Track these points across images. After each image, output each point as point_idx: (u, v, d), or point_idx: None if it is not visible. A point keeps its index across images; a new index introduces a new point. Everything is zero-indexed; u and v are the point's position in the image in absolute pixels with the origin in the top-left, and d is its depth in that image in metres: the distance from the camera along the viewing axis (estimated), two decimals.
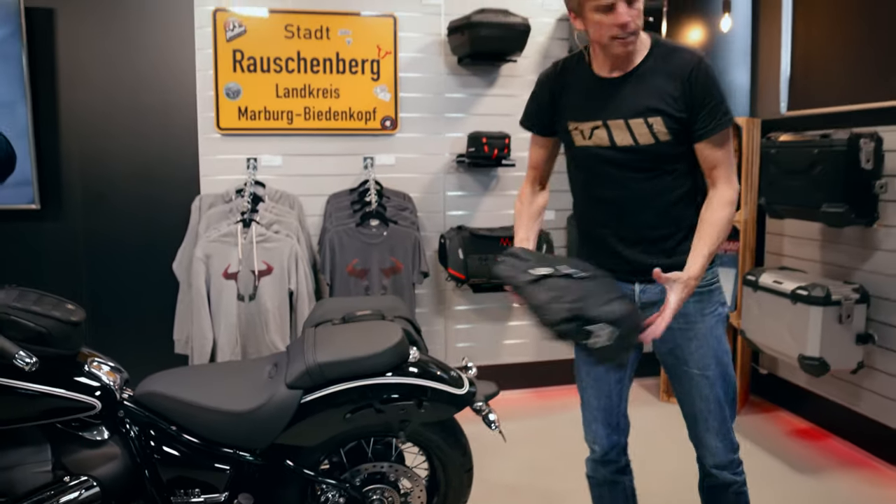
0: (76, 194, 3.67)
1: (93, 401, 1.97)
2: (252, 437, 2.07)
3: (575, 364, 2.18)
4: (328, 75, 3.89)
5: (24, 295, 1.98)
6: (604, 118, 1.90)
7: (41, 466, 1.95)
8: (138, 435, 2.06)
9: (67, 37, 3.59)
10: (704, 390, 1.98)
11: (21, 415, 1.91)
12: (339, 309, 2.46)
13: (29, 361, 1.72)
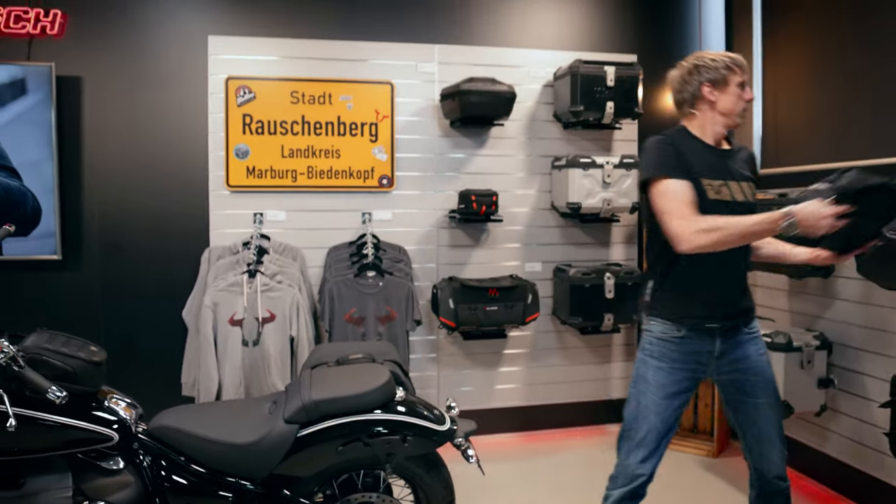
0: (95, 246, 3.95)
1: (111, 433, 2.21)
2: (253, 467, 2.30)
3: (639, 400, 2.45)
4: (330, 137, 4.19)
5: (54, 337, 2.24)
6: (727, 179, 2.37)
7: (63, 492, 2.17)
8: (151, 465, 2.29)
9: (92, 102, 3.92)
10: (768, 413, 2.44)
11: (47, 445, 2.15)
12: (334, 352, 2.71)
13: (60, 395, 1.97)
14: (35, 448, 2.13)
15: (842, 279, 3.51)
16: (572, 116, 4.24)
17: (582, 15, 4.56)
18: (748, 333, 2.48)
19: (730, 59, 2.40)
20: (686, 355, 2.41)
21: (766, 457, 2.46)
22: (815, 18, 3.86)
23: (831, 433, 3.62)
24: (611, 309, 4.18)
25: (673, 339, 2.41)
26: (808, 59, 3.94)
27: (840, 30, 3.67)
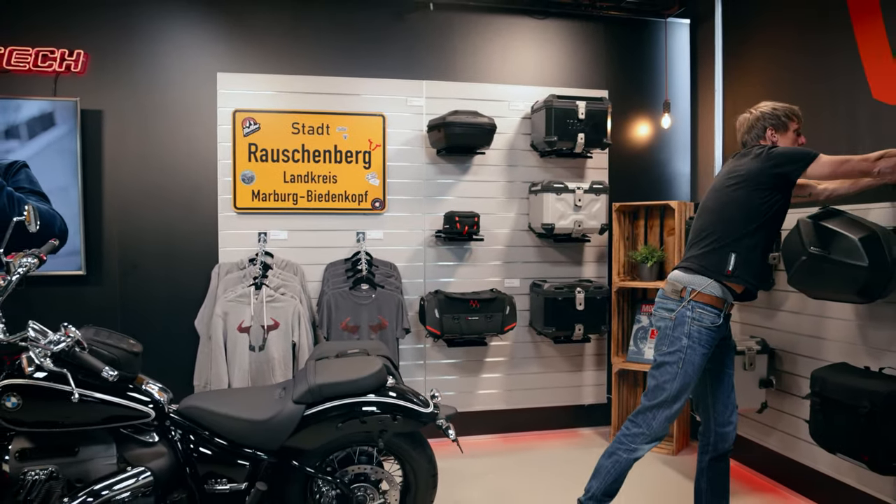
0: (115, 263, 4.34)
1: (148, 411, 2.61)
2: (266, 440, 2.71)
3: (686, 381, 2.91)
4: (327, 164, 4.60)
5: (100, 331, 2.66)
6: None
7: (109, 460, 2.58)
8: (181, 438, 2.70)
9: (113, 133, 4.32)
10: (732, 382, 3.06)
11: (97, 419, 2.55)
12: (334, 348, 3.14)
13: (112, 374, 2.38)
14: (87, 422, 2.53)
15: (782, 292, 3.90)
16: (547, 146, 4.66)
17: (558, 53, 4.99)
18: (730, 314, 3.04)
19: (790, 110, 3.03)
20: (717, 339, 2.96)
21: (731, 420, 3.04)
22: (770, 60, 4.19)
23: (772, 429, 4.00)
24: (581, 320, 4.60)
25: (716, 327, 2.91)
26: (762, 95, 4.17)
27: (792, 68, 4.00)
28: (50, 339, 2.38)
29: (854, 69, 3.52)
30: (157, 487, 2.61)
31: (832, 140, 3.63)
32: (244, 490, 2.71)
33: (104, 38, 4.28)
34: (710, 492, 3.08)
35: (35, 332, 2.38)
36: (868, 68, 3.48)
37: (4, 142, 4.05)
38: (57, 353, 2.37)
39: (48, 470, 2.48)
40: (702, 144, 4.97)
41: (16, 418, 2.44)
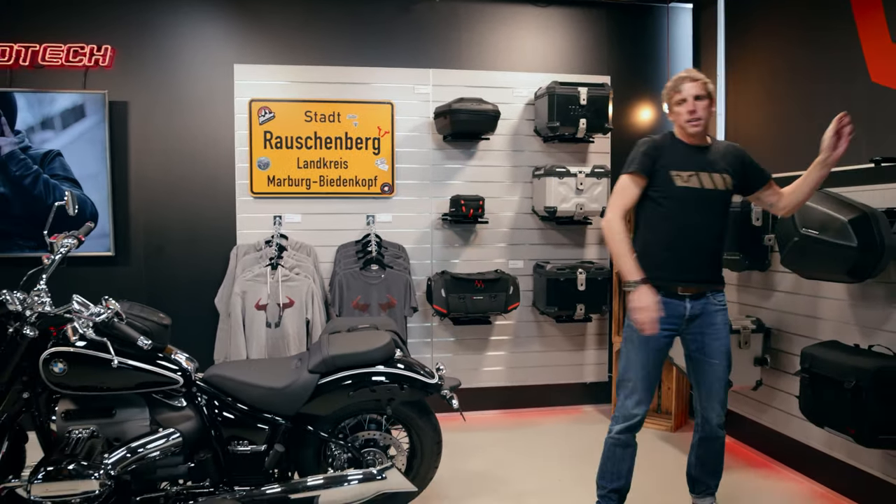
0: (140, 245, 4.61)
1: (177, 378, 2.86)
2: (284, 406, 2.95)
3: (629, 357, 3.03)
4: (338, 150, 4.82)
5: (134, 305, 2.90)
6: (697, 169, 2.91)
7: (143, 422, 2.84)
8: (206, 404, 2.95)
9: (137, 122, 4.57)
10: (720, 373, 3.00)
11: (132, 385, 2.80)
12: (346, 323, 3.38)
13: (147, 343, 2.63)
14: (123, 387, 2.79)
15: (777, 273, 4.03)
16: (550, 131, 4.83)
17: (560, 41, 5.16)
18: (717, 304, 3.01)
19: (671, 82, 2.99)
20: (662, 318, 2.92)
21: (712, 408, 3.05)
22: (772, 44, 4.33)
23: (767, 406, 4.15)
24: (582, 300, 4.80)
25: None
26: (764, 79, 4.42)
27: (796, 53, 4.11)
28: (92, 310, 2.63)
29: (853, 53, 3.63)
30: (186, 447, 2.87)
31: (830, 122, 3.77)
32: (263, 451, 2.96)
33: (129, 33, 4.52)
34: (699, 467, 3.20)
35: (79, 305, 2.63)
36: (867, 52, 3.59)
37: (41, 132, 4.31)
38: (98, 323, 2.62)
39: (90, 429, 2.75)
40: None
41: (61, 382, 2.70)
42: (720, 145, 3.05)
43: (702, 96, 2.89)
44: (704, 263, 2.99)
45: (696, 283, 2.97)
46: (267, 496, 2.90)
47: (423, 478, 3.20)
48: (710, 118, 2.98)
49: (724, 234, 3.05)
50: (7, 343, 2.75)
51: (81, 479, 2.59)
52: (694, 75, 2.93)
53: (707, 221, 2.96)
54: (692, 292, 2.96)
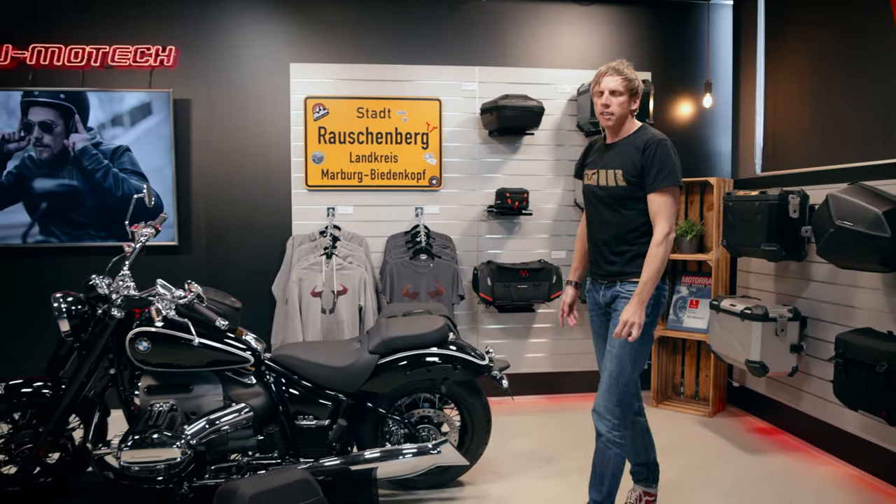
0: (201, 235, 4.87)
1: (248, 357, 3.10)
2: (346, 384, 3.18)
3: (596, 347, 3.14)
4: (389, 145, 5.02)
5: (208, 290, 3.15)
6: (599, 168, 2.95)
7: (216, 397, 3.09)
8: (274, 381, 3.18)
9: (199, 119, 4.83)
10: (607, 360, 2.90)
11: (207, 362, 3.05)
12: (401, 308, 3.59)
13: (224, 324, 2.87)
14: (199, 364, 3.03)
15: (815, 264, 4.12)
16: (592, 126, 4.96)
17: (603, 38, 5.28)
18: (625, 294, 2.89)
19: (597, 72, 2.93)
20: (592, 304, 3.09)
21: (597, 394, 2.92)
22: (811, 38, 4.38)
23: (803, 392, 4.25)
24: None
25: (587, 290, 3.14)
26: (803, 73, 4.48)
27: (835, 47, 4.16)
28: (175, 293, 2.87)
29: (892, 45, 3.66)
30: (255, 421, 3.11)
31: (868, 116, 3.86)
32: (327, 426, 3.19)
33: (192, 34, 4.77)
34: (632, 444, 3.16)
35: (163, 289, 2.88)
36: None
37: (111, 129, 4.59)
38: (181, 305, 2.86)
39: (169, 403, 3.00)
40: (743, 123, 5.19)
41: (144, 360, 2.96)
42: (636, 139, 2.88)
43: (618, 92, 2.83)
44: (608, 259, 2.95)
45: (602, 275, 2.99)
46: (329, 467, 3.13)
47: (473, 453, 3.41)
48: (626, 115, 2.89)
49: (635, 230, 2.89)
50: (96, 323, 3.02)
51: (165, 448, 2.84)
52: (619, 68, 2.86)
53: (606, 217, 2.94)
54: (606, 281, 2.98)
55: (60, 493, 3.32)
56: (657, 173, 2.78)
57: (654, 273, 2.76)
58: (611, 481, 2.87)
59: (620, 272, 2.91)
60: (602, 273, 2.98)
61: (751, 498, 3.44)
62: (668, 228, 2.78)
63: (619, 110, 2.85)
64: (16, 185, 4.55)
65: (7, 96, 4.51)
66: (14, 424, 3.16)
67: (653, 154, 2.79)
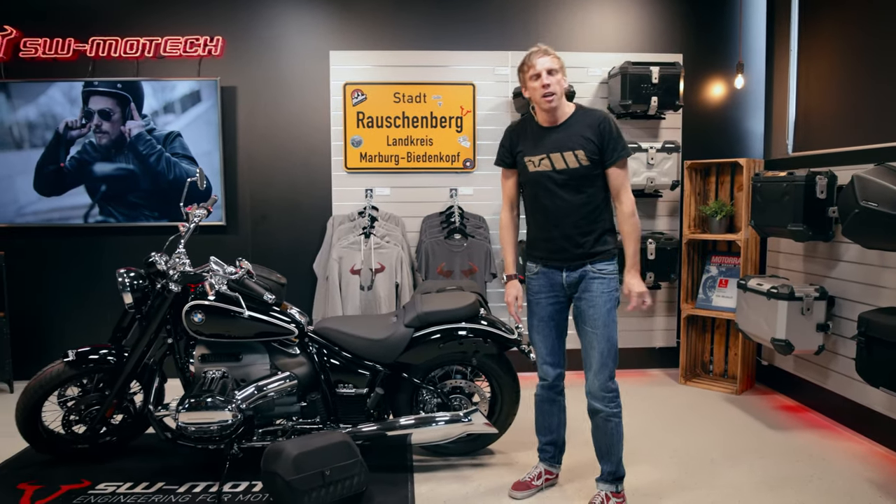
0: (247, 215, 5.14)
1: (293, 328, 3.34)
2: (383, 355, 3.41)
3: (528, 325, 3.19)
4: (424, 129, 5.20)
5: (256, 266, 3.39)
6: (549, 152, 2.90)
7: (264, 366, 3.34)
8: (316, 352, 3.43)
9: (245, 105, 5.08)
10: (592, 341, 2.97)
11: (255, 334, 3.30)
12: (436, 285, 3.80)
13: (272, 298, 3.11)
14: (248, 335, 3.29)
15: (843, 244, 4.17)
16: (622, 109, 5.06)
17: (634, 20, 5.36)
18: (596, 273, 2.95)
19: (524, 57, 2.90)
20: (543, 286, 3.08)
21: (587, 377, 3.02)
22: (847, 16, 4.36)
23: (829, 371, 4.32)
24: (652, 268, 5.06)
25: (532, 275, 3.14)
26: (837, 54, 4.47)
27: (870, 27, 4.11)
28: (227, 269, 3.12)
29: None
30: (299, 388, 3.36)
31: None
32: (365, 394, 3.43)
33: (237, 24, 5.01)
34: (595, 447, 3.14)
35: (216, 265, 3.13)
36: None
37: (163, 116, 4.87)
38: (232, 280, 3.11)
39: (221, 371, 3.27)
40: (776, 104, 5.22)
41: (199, 330, 3.22)
42: (585, 118, 2.91)
43: (554, 70, 2.81)
44: (577, 242, 2.94)
45: (568, 259, 2.97)
46: (367, 433, 3.37)
47: (503, 423, 3.61)
48: (563, 91, 2.87)
49: (598, 207, 2.95)
50: (155, 297, 3.29)
51: (217, 411, 3.11)
52: (546, 50, 2.86)
53: (568, 200, 2.91)
54: (568, 264, 2.98)
55: (123, 451, 3.65)
56: (614, 147, 2.86)
57: (637, 241, 2.93)
58: (618, 448, 3.04)
59: (590, 253, 2.94)
60: (570, 256, 2.96)
61: (773, 472, 3.55)
62: (633, 197, 2.94)
63: (559, 88, 2.85)
64: (78, 169, 4.88)
65: (70, 86, 4.82)
66: (83, 388, 3.47)
67: (608, 129, 2.87)
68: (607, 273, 2.98)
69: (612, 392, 3.00)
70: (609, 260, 2.99)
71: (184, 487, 3.27)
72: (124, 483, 3.32)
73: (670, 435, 4.08)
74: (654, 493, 3.30)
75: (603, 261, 2.97)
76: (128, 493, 3.22)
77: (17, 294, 5.04)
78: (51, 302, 5.13)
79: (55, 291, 5.12)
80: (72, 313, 5.12)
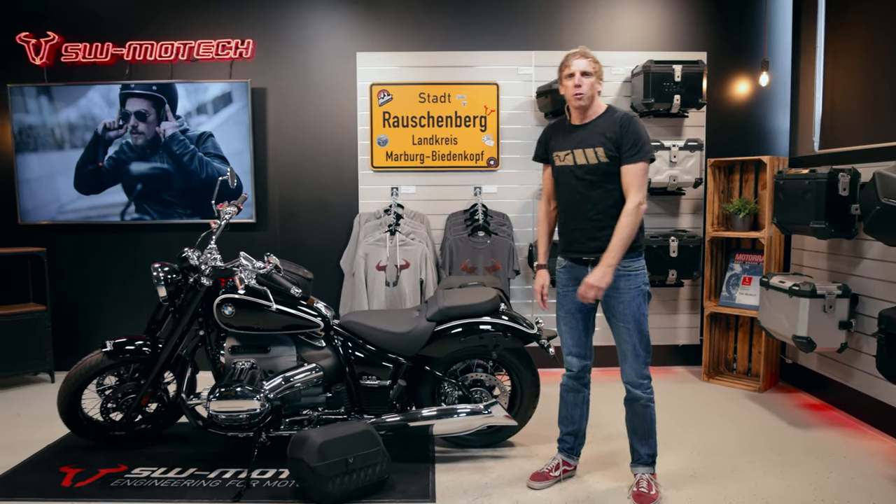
0: (276, 213, 5.29)
1: (319, 322, 3.46)
2: (406, 348, 3.51)
3: (556, 317, 3.30)
4: (449, 128, 5.29)
5: (284, 261, 3.52)
6: (574, 148, 3.08)
7: (291, 357, 3.47)
8: (341, 344, 3.54)
9: (274, 106, 5.23)
10: (624, 335, 3.11)
11: (283, 326, 3.42)
12: (458, 281, 3.90)
13: (298, 292, 3.23)
14: (276, 328, 3.41)
15: (867, 242, 4.17)
16: (645, 107, 5.10)
17: (658, 19, 5.39)
18: (621, 269, 3.03)
19: (563, 57, 3.11)
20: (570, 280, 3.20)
21: (623, 369, 3.16)
22: (875, 11, 4.33)
23: (852, 368, 4.31)
24: (674, 266, 5.09)
25: (560, 269, 3.27)
26: (864, 51, 4.45)
27: (893, 27, 4.07)
28: (256, 264, 3.25)
29: None
30: (325, 380, 3.48)
31: None
32: (388, 386, 3.54)
33: (267, 27, 5.16)
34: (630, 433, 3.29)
35: (245, 260, 3.26)
36: None
37: (196, 117, 5.04)
38: (261, 275, 3.24)
39: (250, 362, 3.40)
40: (802, 101, 5.22)
41: (229, 323, 3.36)
42: (609, 117, 3.06)
43: (588, 73, 3.00)
44: (594, 236, 3.05)
45: (589, 252, 3.08)
46: (390, 423, 3.47)
47: (522, 416, 3.70)
48: (594, 95, 3.04)
49: (617, 204, 3.03)
50: (188, 290, 3.43)
51: (247, 400, 3.24)
52: (585, 52, 3.06)
53: (588, 195, 3.04)
54: (592, 258, 3.08)
55: (157, 438, 3.81)
56: (631, 146, 2.97)
57: (625, 239, 2.94)
58: (654, 431, 3.23)
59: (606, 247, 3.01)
60: (585, 249, 3.09)
61: (791, 467, 3.58)
62: (640, 198, 2.97)
63: (590, 91, 3.02)
64: (115, 168, 5.07)
65: (108, 89, 5.01)
66: (120, 377, 3.63)
67: (627, 128, 2.99)
68: (633, 269, 3.09)
69: (647, 379, 3.16)
70: (635, 256, 3.09)
71: (214, 473, 3.41)
72: (158, 468, 3.47)
73: (691, 430, 4.12)
74: (672, 485, 3.36)
75: (627, 258, 3.04)
76: (162, 477, 3.37)
77: (57, 288, 5.26)
78: (89, 296, 5.34)
79: (93, 286, 5.33)
80: (109, 307, 5.33)
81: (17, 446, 3.81)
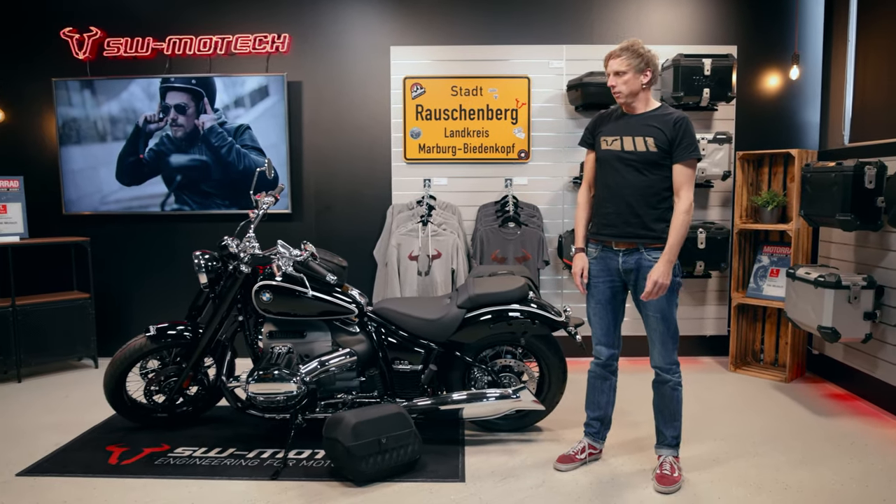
0: (312, 204, 5.43)
1: (353, 308, 3.59)
2: (437, 334, 3.62)
3: (587, 307, 3.41)
4: (480, 121, 5.38)
5: (320, 250, 3.65)
6: (623, 135, 3.18)
7: (326, 342, 3.60)
8: (374, 330, 3.67)
9: (309, 99, 5.36)
10: (653, 324, 3.21)
11: (319, 312, 3.56)
12: (488, 269, 4.01)
13: (334, 279, 3.37)
14: (312, 314, 3.55)
15: (893, 234, 4.18)
16: (675, 101, 5.11)
17: (688, 14, 5.41)
18: (650, 260, 3.14)
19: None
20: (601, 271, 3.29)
21: (651, 355, 3.28)
22: None
23: (877, 359, 4.34)
24: (702, 257, 5.13)
25: (592, 259, 3.33)
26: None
27: None
28: (293, 252, 3.39)
29: None
30: (359, 364, 3.61)
31: None
32: (420, 370, 3.66)
33: (303, 22, 5.29)
34: (657, 415, 3.39)
35: (282, 248, 3.40)
36: None
37: (234, 110, 5.19)
38: (298, 262, 3.38)
39: (287, 346, 3.54)
40: (833, 95, 5.22)
41: (267, 309, 3.50)
42: (664, 114, 3.16)
43: (621, 72, 3.10)
44: (628, 220, 3.15)
45: (620, 237, 3.18)
46: (421, 406, 3.60)
47: (550, 401, 3.79)
48: (636, 90, 3.14)
49: (658, 193, 3.14)
50: (227, 277, 3.58)
51: (284, 383, 3.38)
52: (620, 51, 3.12)
53: (630, 180, 3.14)
54: (623, 247, 3.19)
55: (198, 420, 3.98)
56: (686, 146, 3.09)
57: (681, 237, 3.07)
58: (680, 414, 3.34)
59: (643, 235, 3.14)
60: (618, 234, 3.18)
61: (813, 454, 3.64)
62: (691, 198, 3.10)
63: (626, 88, 3.13)
64: (156, 160, 5.25)
65: (148, 83, 5.19)
66: (162, 361, 3.80)
67: (683, 128, 3.10)
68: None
69: (674, 364, 3.27)
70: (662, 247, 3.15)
71: (253, 453, 3.56)
72: (200, 447, 3.63)
73: (716, 419, 4.19)
74: (695, 468, 3.44)
75: (657, 248, 3.15)
76: (202, 456, 3.53)
77: (100, 277, 5.47)
78: (130, 284, 5.54)
79: (134, 274, 5.53)
80: (149, 294, 5.53)
81: (65, 426, 4.01)
